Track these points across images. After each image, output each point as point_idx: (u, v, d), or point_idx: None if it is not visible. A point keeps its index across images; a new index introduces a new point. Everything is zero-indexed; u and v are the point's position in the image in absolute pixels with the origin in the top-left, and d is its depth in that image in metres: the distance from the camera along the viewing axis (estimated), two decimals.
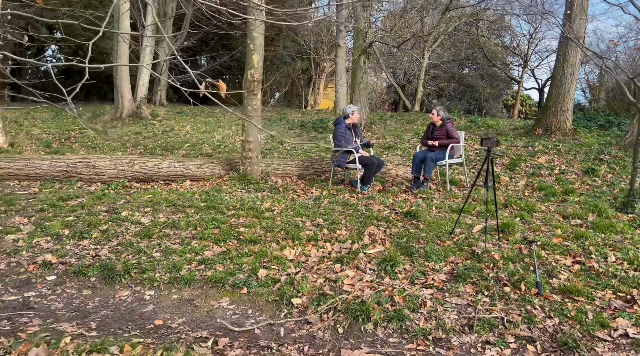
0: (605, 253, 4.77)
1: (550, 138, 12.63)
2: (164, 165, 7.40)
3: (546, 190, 7.53)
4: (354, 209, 6.08)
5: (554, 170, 9.27)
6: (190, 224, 5.27)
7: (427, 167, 7.62)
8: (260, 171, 7.67)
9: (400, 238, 5.12)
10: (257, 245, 4.86)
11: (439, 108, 7.95)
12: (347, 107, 7.77)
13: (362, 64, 12.72)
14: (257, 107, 7.41)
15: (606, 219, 5.76)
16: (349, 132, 7.66)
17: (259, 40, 7.13)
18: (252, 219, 5.52)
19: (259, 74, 7.23)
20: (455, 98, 34.69)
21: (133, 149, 10.26)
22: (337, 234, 5.18)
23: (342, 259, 4.59)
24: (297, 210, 5.80)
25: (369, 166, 7.44)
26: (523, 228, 5.45)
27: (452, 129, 7.80)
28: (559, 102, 12.97)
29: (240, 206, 5.92)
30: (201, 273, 4.28)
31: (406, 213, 5.87)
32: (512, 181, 8.42)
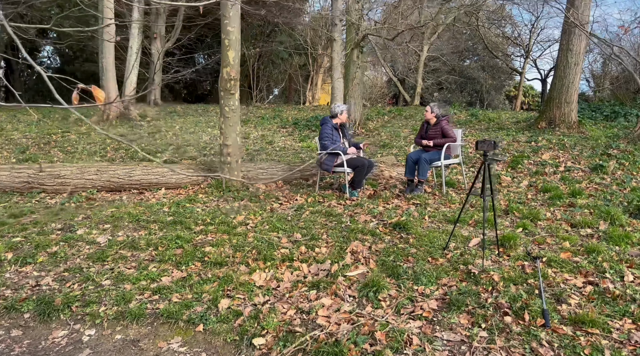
0: (621, 270, 4.13)
1: (555, 132, 11.95)
2: (137, 173, 6.79)
3: (551, 192, 6.88)
4: (337, 220, 5.45)
5: (559, 167, 8.61)
6: (151, 244, 4.66)
7: (420, 169, 6.98)
8: (240, 177, 7.05)
9: (387, 256, 4.49)
10: (224, 268, 4.24)
11: (434, 105, 7.30)
12: (335, 106, 7.13)
13: (356, 59, 12.06)
14: (235, 107, 6.78)
15: (620, 227, 5.11)
16: (336, 133, 7.02)
17: (234, 34, 6.49)
18: (222, 235, 4.90)
19: (236, 71, 6.59)
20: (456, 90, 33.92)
21: (114, 154, 9.66)
22: (316, 252, 4.55)
23: (318, 284, 3.96)
24: (274, 224, 5.17)
25: (358, 168, 6.81)
26: (526, 241, 4.80)
27: (448, 128, 7.15)
28: (562, 94, 12.28)
29: (211, 220, 5.29)
30: (153, 305, 3.66)
31: (395, 224, 5.23)
32: (515, 182, 7.77)
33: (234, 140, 6.84)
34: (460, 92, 33.95)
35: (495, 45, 29.10)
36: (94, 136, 11.49)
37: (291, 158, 9.39)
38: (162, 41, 21.63)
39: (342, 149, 6.88)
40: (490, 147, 4.32)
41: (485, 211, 4.28)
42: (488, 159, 4.34)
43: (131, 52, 14.44)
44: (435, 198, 6.76)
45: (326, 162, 6.93)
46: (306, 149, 10.20)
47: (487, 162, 4.34)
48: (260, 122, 14.09)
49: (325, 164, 6.93)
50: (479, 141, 4.34)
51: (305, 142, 10.82)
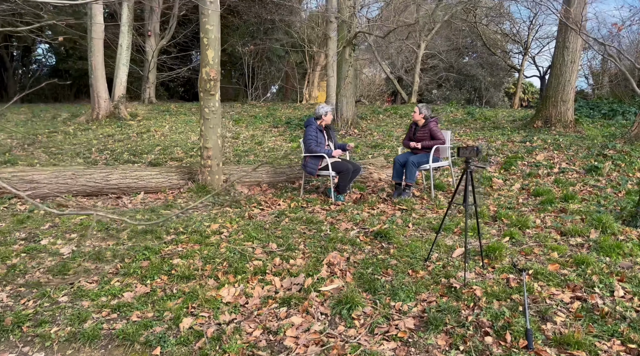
0: (611, 284, 3.87)
1: (550, 131, 11.69)
2: (114, 176, 6.54)
3: (543, 195, 6.63)
4: (317, 228, 5.19)
5: (553, 168, 8.36)
6: (118, 255, 4.41)
7: (408, 172, 6.72)
8: (222, 181, 6.80)
9: (365, 268, 4.24)
10: (191, 282, 3.99)
11: (422, 106, 7.04)
12: (319, 107, 6.87)
13: (348, 57, 11.78)
14: (216, 109, 6.52)
15: (612, 236, 4.85)
16: (321, 135, 6.77)
17: (213, 33, 6.23)
18: (194, 246, 4.65)
19: (216, 71, 6.33)
20: (455, 88, 33.63)
21: (98, 155, 9.41)
22: (291, 264, 4.30)
23: (290, 299, 3.72)
24: (249, 232, 4.91)
25: (343, 172, 6.55)
26: (512, 251, 4.55)
27: (436, 129, 6.89)
28: (559, 92, 12.01)
29: (184, 228, 5.04)
30: (110, 325, 3.41)
31: (377, 233, 4.98)
32: (507, 184, 7.51)
33: (215, 142, 6.58)
34: (459, 89, 33.65)
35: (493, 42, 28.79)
36: (80, 137, 11.24)
37: (279, 160, 9.14)
38: (156, 39, 21.37)
39: (326, 151, 6.62)
40: (473, 154, 4.06)
41: (467, 220, 4.02)
42: (471, 167, 4.09)
43: (121, 50, 14.18)
44: (423, 203, 6.51)
45: (310, 165, 6.68)
46: (296, 150, 9.94)
47: (470, 170, 4.08)
48: (252, 122, 13.84)
49: (309, 167, 6.68)
50: (461, 147, 4.08)
51: (295, 143, 10.57)
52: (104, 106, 13.70)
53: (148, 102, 20.65)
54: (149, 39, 21.24)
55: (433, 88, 34.64)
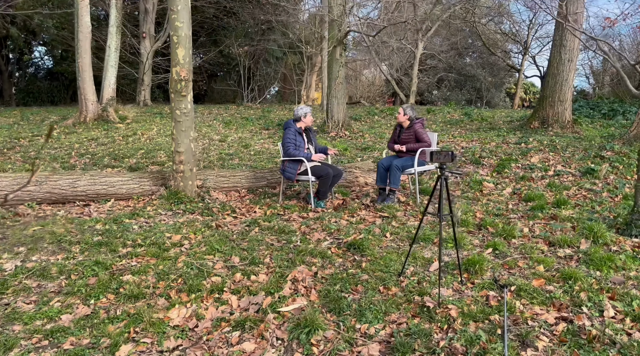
0: (600, 303, 3.48)
1: (547, 132, 11.28)
2: (82, 183, 6.17)
3: (535, 200, 6.23)
4: (288, 239, 4.80)
5: (548, 171, 7.96)
6: (65, 271, 4.04)
7: (392, 177, 6.34)
8: (196, 187, 6.43)
9: (333, 284, 3.86)
10: (140, 302, 3.62)
11: (406, 106, 6.65)
12: (298, 108, 6.49)
13: (339, 57, 11.40)
14: (188, 111, 6.15)
15: (604, 246, 4.45)
16: (300, 138, 6.39)
17: (184, 30, 5.86)
18: (150, 260, 4.28)
19: (187, 71, 5.96)
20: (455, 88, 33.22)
21: (77, 160, 9.07)
22: (252, 280, 3.92)
23: (244, 322, 3.34)
24: (212, 244, 4.53)
25: (323, 177, 6.17)
26: (495, 265, 4.15)
27: (422, 131, 6.50)
28: (556, 92, 11.61)
29: (143, 240, 4.67)
30: (39, 354, 3.05)
31: (350, 244, 4.59)
32: (498, 188, 7.11)
33: (187, 146, 6.21)
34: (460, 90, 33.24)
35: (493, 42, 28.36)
36: (63, 140, 10.90)
37: (264, 163, 8.77)
38: (151, 41, 21.06)
39: (306, 155, 6.24)
40: (448, 159, 3.68)
41: (441, 232, 3.64)
42: (445, 173, 3.70)
43: (109, 52, 13.83)
44: (407, 209, 6.12)
45: (289, 169, 6.30)
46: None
47: (444, 177, 3.70)
48: (244, 124, 13.47)
49: (288, 172, 6.30)
50: (434, 152, 3.70)
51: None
52: (91, 108, 13.36)
53: (143, 104, 20.34)
54: (144, 40, 20.94)
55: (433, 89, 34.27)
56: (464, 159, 8.88)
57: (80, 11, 12.96)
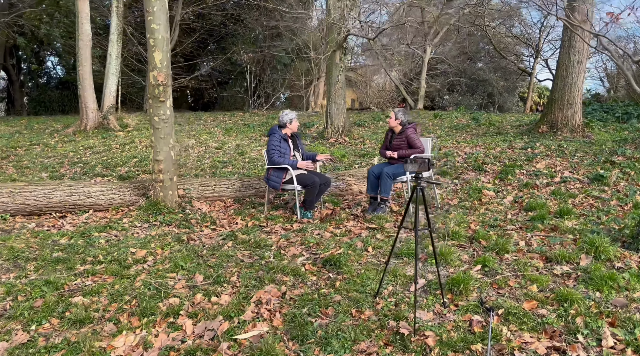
0: (599, 330, 3.03)
1: (556, 136, 10.76)
2: (58, 194, 5.87)
3: (537, 210, 5.77)
4: (260, 255, 4.41)
5: (554, 178, 7.48)
6: (13, 291, 3.70)
7: (383, 185, 5.93)
8: (177, 197, 6.09)
9: (301, 306, 3.46)
10: (85, 327, 3.26)
11: (398, 110, 6.24)
12: (282, 114, 6.13)
13: (338, 61, 11.03)
14: (167, 117, 5.82)
15: (606, 262, 3.99)
16: (285, 145, 6.02)
17: (160, 33, 5.53)
18: (108, 278, 3.92)
19: (165, 75, 5.63)
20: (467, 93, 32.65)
21: (68, 169, 8.80)
22: (213, 302, 3.54)
23: (195, 352, 2.96)
24: (177, 261, 4.17)
25: (309, 186, 5.78)
26: (483, 284, 3.71)
27: (414, 137, 6.08)
28: (565, 95, 11.09)
29: (105, 256, 4.31)
30: None
31: (327, 260, 4.18)
32: (498, 196, 6.66)
33: (167, 155, 5.87)
34: (472, 94, 32.67)
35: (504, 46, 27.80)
36: (59, 149, 10.67)
37: (258, 171, 8.41)
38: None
39: (291, 163, 5.87)
40: (424, 168, 3.27)
41: (416, 250, 3.22)
42: (421, 183, 3.29)
43: (110, 60, 13.64)
44: (398, 220, 5.70)
45: (274, 178, 5.93)
46: None
47: (420, 187, 3.29)
48: (244, 131, 13.14)
49: (273, 180, 5.93)
50: (408, 159, 3.30)
51: None
52: (92, 116, 13.16)
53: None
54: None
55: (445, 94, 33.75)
56: (466, 166, 8.43)
57: (80, 19, 12.79)
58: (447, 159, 8.91)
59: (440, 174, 8.06)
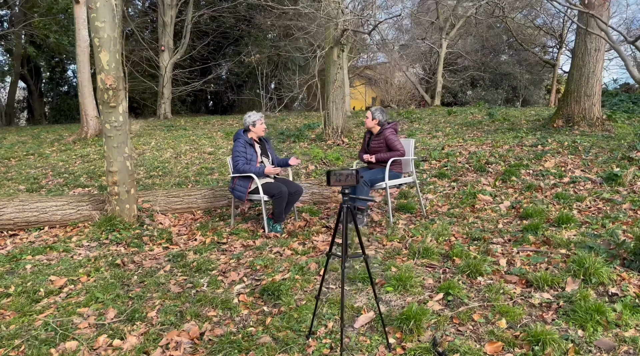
0: None
1: (572, 131, 9.87)
2: (9, 210, 5.40)
3: (534, 217, 5.03)
4: (195, 282, 3.80)
5: (562, 178, 6.69)
6: None
7: (358, 193, 5.26)
8: (136, 210, 5.55)
9: (217, 351, 2.85)
10: None
11: (375, 109, 5.57)
12: (247, 116, 5.53)
13: (336, 58, 10.38)
14: (120, 124, 5.28)
15: (598, 287, 3.24)
16: (251, 150, 5.41)
17: (106, 31, 4.99)
18: (10, 315, 3.37)
19: (114, 78, 5.09)
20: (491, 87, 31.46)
21: (51, 179, 8.41)
22: (115, 346, 2.95)
23: None
24: (95, 292, 3.60)
25: (276, 196, 5.16)
26: (441, 319, 3.02)
27: (393, 138, 5.40)
28: (582, 86, 10.18)
29: (17, 286, 3.76)
30: None
31: (265, 288, 3.55)
32: (495, 201, 5.92)
33: (122, 165, 5.34)
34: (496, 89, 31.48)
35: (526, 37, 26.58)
36: (52, 158, 10.34)
37: None
38: (170, 53, 20.62)
39: (256, 170, 5.26)
40: (351, 181, 2.63)
41: (344, 281, 2.58)
42: (348, 201, 2.64)
43: None
44: (375, 231, 5.04)
45: (239, 187, 5.34)
46: None
47: (347, 205, 2.64)
48: None
49: (238, 190, 5.34)
50: (332, 171, 2.65)
51: None
52: (92, 124, 12.83)
53: (163, 117, 19.88)
54: (162, 53, 20.52)
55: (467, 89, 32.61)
56: (468, 166, 7.68)
57: (77, 25, 12.48)
58: (447, 159, 8.16)
59: (437, 176, 7.34)
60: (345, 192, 2.61)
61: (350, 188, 5.01)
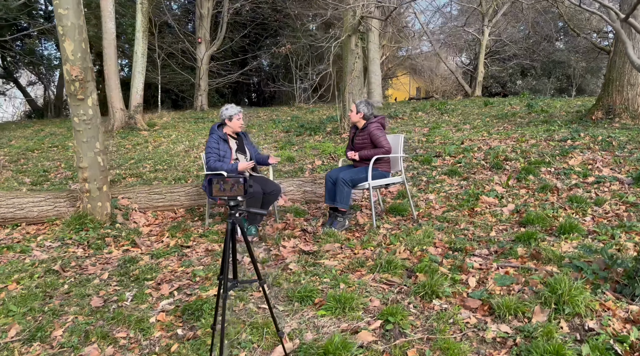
0: None
1: (612, 124, 8.94)
2: None
3: (533, 224, 4.38)
4: (120, 295, 3.41)
5: (587, 177, 5.94)
6: None
7: (338, 194, 4.76)
8: (109, 208, 5.26)
9: None
10: None
11: (360, 102, 5.01)
12: (223, 109, 5.11)
13: (354, 47, 9.80)
14: (89, 118, 4.98)
15: (574, 318, 2.62)
16: (226, 146, 5.00)
17: (69, 19, 4.68)
18: None
19: (80, 69, 4.78)
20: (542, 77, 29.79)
21: (60, 173, 8.34)
22: None
23: None
24: (8, 305, 3.24)
25: (249, 196, 4.71)
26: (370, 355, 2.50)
27: (378, 133, 4.84)
28: (624, 74, 9.19)
29: None
30: None
31: (187, 307, 3.11)
32: (500, 204, 5.26)
33: (93, 161, 5.05)
34: (548, 78, 29.79)
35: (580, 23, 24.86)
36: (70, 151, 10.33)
37: None
38: (206, 46, 20.53)
39: (228, 167, 4.84)
40: (238, 191, 2.15)
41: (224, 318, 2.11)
42: (235, 216, 2.17)
43: (136, 58, 13.23)
44: (353, 237, 4.52)
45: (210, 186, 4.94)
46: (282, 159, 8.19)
47: (233, 221, 2.17)
48: (266, 127, 12.23)
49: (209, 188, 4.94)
50: (213, 179, 2.19)
51: (285, 151, 8.82)
52: (118, 116, 12.84)
53: (200, 109, 19.85)
54: (199, 46, 20.46)
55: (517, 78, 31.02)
56: (483, 163, 6.98)
57: (103, 17, 12.46)
58: (463, 155, 7.48)
59: (447, 174, 6.70)
60: (231, 205, 2.14)
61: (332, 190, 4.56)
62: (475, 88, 19.26)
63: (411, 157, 7.65)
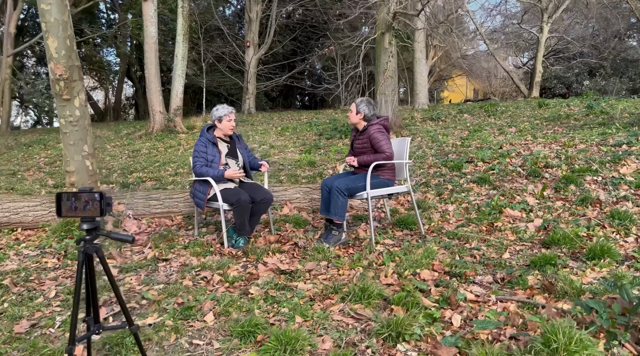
0: None
1: None
2: None
3: (558, 244, 3.65)
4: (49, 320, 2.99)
5: (638, 189, 5.06)
6: None
7: (332, 204, 4.19)
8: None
9: None
10: None
11: (361, 101, 4.42)
12: (214, 109, 4.66)
13: (388, 45, 9.16)
14: (76, 119, 4.68)
15: None
16: (214, 150, 4.55)
17: (52, 15, 4.39)
18: None
19: (64, 68, 4.48)
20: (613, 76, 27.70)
21: None
22: None
23: None
24: None
25: (235, 205, 4.25)
26: None
27: (379, 137, 4.23)
28: None
29: None
30: None
31: (106, 341, 2.64)
32: (527, 218, 4.52)
33: (80, 165, 4.76)
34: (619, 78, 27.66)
35: None
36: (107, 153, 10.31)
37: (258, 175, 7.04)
38: (254, 49, 20.42)
39: (214, 173, 4.39)
40: (93, 211, 1.65)
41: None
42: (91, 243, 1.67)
43: (177, 61, 13.16)
44: (345, 255, 3.95)
45: (198, 194, 4.51)
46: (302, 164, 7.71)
47: (85, 250, 1.67)
48: (301, 130, 11.77)
49: (197, 196, 4.51)
50: (64, 194, 1.70)
51: (308, 155, 8.32)
52: (158, 119, 12.81)
53: (247, 113, 19.74)
54: (248, 49, 20.38)
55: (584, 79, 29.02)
56: (520, 171, 6.18)
57: (145, 22, 12.47)
58: (498, 161, 6.69)
59: (477, 182, 5.97)
60: (84, 228, 1.65)
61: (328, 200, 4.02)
62: (533, 89, 17.99)
63: (440, 162, 6.95)
